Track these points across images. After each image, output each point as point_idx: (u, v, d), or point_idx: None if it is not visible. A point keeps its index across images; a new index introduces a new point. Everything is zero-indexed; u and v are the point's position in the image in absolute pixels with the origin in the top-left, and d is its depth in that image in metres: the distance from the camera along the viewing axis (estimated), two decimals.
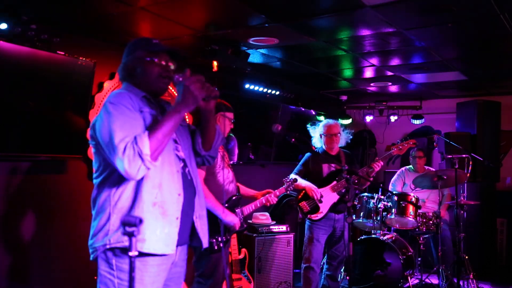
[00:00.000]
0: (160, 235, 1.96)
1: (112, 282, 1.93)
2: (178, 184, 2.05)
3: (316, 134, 4.41)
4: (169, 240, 1.99)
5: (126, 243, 1.85)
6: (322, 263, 4.55)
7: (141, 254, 1.90)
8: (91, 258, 2.02)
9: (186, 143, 2.21)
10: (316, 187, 4.15)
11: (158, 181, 1.97)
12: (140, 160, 1.82)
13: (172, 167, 2.04)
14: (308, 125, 4.40)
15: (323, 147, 4.37)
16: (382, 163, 4.17)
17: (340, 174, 4.17)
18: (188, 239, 2.17)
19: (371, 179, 4.08)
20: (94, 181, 2.06)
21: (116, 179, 1.93)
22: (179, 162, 2.10)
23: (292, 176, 4.19)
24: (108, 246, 1.92)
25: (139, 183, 1.94)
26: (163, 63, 2.09)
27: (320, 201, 4.13)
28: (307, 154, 4.41)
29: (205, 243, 2.21)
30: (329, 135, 4.29)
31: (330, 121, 4.43)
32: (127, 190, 1.93)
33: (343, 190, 4.14)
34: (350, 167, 4.12)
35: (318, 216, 4.17)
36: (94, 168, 2.07)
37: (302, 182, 4.17)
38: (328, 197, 4.17)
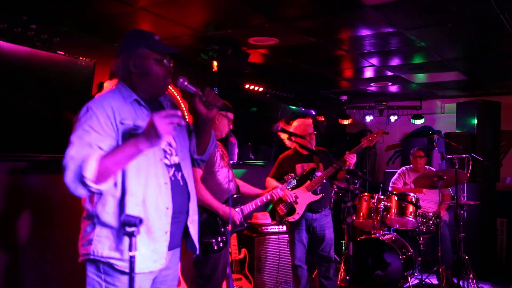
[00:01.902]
0: (145, 252, 1.90)
1: (100, 285, 1.91)
2: (166, 196, 1.96)
3: (286, 136, 4.04)
4: (156, 256, 1.94)
5: (110, 258, 1.86)
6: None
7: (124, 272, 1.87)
8: (79, 260, 1.98)
9: (183, 144, 2.14)
10: (288, 190, 3.99)
11: (141, 198, 1.89)
12: (79, 182, 1.76)
13: (158, 179, 1.94)
14: (279, 129, 3.59)
15: (296, 148, 4.26)
16: (354, 155, 3.97)
17: (313, 173, 4.14)
18: (181, 243, 2.14)
19: (348, 167, 3.89)
20: None
21: None
22: (167, 172, 1.99)
23: (269, 178, 4.24)
24: (91, 257, 1.89)
25: (121, 199, 1.87)
26: (168, 64, 2.00)
27: (296, 202, 4.08)
28: (280, 156, 4.36)
29: (198, 248, 2.18)
30: (308, 134, 4.11)
31: (303, 120, 4.28)
32: (109, 205, 1.87)
33: (318, 189, 4.11)
34: (326, 163, 4.08)
35: (295, 217, 4.12)
36: None
37: (272, 184, 4.10)
38: (303, 197, 4.11)
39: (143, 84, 1.99)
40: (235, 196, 3.35)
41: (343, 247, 5.72)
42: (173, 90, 4.68)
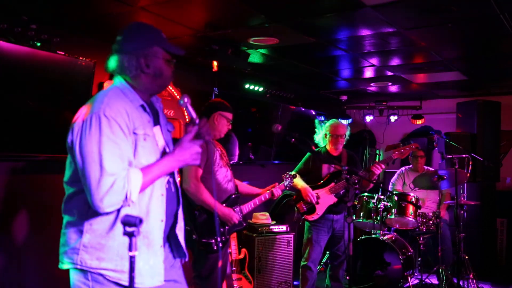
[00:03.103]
0: (143, 267, 1.82)
1: None
2: (161, 209, 1.91)
3: (321, 133, 4.36)
4: (154, 271, 1.87)
5: (96, 268, 1.76)
6: (323, 263, 4.55)
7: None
8: (60, 267, 1.87)
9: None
10: (311, 190, 4.11)
11: (145, 209, 1.83)
12: (122, 200, 1.69)
13: (157, 191, 1.88)
14: (316, 121, 4.31)
15: (326, 146, 4.33)
16: (383, 166, 4.00)
17: (339, 175, 4.15)
18: (180, 252, 2.09)
19: (374, 181, 3.98)
20: (65, 185, 1.90)
21: None
22: (165, 181, 1.94)
23: (292, 172, 4.19)
24: (78, 267, 1.78)
25: (121, 209, 1.76)
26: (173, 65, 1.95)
27: (317, 203, 4.12)
28: (309, 153, 4.39)
29: (187, 255, 2.12)
30: (336, 135, 4.23)
31: (338, 121, 4.38)
32: (106, 216, 1.77)
33: (341, 192, 4.13)
34: (351, 168, 4.11)
35: (314, 217, 4.16)
36: (67, 174, 1.90)
37: (299, 182, 4.14)
38: (325, 198, 4.15)
39: (151, 83, 1.89)
40: (234, 195, 3.35)
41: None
42: (172, 90, 4.68)
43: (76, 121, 1.78)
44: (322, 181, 4.22)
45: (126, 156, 1.74)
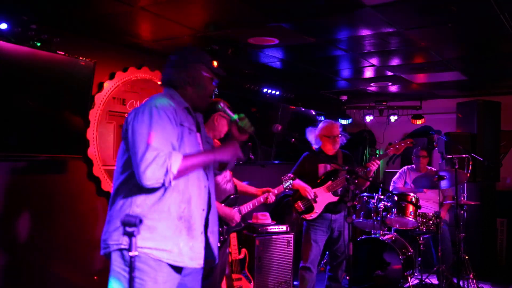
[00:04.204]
0: (183, 248, 2.01)
1: (125, 278, 1.97)
2: (204, 199, 2.13)
3: (313, 136, 4.33)
4: (194, 254, 2.06)
5: (141, 247, 1.91)
6: (323, 263, 4.54)
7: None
8: (101, 253, 2.05)
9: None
10: (309, 187, 4.12)
11: (187, 196, 2.04)
12: (163, 174, 1.88)
13: (200, 182, 2.12)
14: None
15: (322, 147, 4.31)
16: (378, 162, 4.05)
17: (336, 174, 4.15)
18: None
19: (370, 179, 4.04)
20: (115, 179, 2.09)
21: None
22: (206, 178, 2.18)
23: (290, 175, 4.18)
24: (123, 247, 1.95)
25: (165, 194, 1.98)
26: (215, 85, 2.25)
27: (315, 201, 4.12)
28: (304, 154, 4.39)
29: (217, 258, 2.29)
30: (333, 136, 4.22)
31: (332, 122, 4.37)
32: (152, 197, 1.97)
33: (339, 190, 4.12)
34: (352, 168, 4.11)
35: (312, 216, 4.15)
36: (118, 165, 2.10)
37: (298, 183, 4.13)
38: (322, 197, 4.15)
39: (194, 95, 2.19)
40: (233, 196, 3.36)
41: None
42: None
43: (129, 112, 2.07)
44: (319, 180, 4.22)
45: (170, 140, 1.97)
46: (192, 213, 2.04)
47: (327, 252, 4.56)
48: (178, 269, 2.04)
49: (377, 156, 4.21)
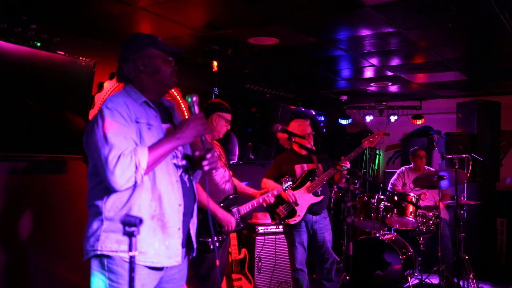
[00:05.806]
0: (159, 248, 1.96)
1: (103, 282, 1.94)
2: (178, 194, 2.05)
3: (284, 136, 3.98)
4: (171, 252, 2.00)
5: (116, 251, 1.90)
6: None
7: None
8: (84, 259, 2.02)
9: (188, 149, 2.23)
10: (291, 190, 3.94)
11: (157, 194, 1.96)
12: (133, 171, 1.82)
13: (170, 177, 2.03)
14: (279, 129, 3.58)
15: (294, 148, 4.17)
16: (351, 158, 3.92)
17: (313, 174, 4.04)
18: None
19: (345, 172, 3.65)
20: (88, 179, 2.06)
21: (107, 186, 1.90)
22: (176, 171, 2.08)
23: (265, 179, 4.10)
24: (98, 252, 1.92)
25: (133, 195, 1.91)
26: (173, 63, 2.11)
27: (296, 204, 3.97)
28: (278, 157, 4.28)
29: (196, 250, 2.23)
30: (307, 134, 4.03)
31: (302, 120, 4.21)
32: (121, 199, 1.91)
33: (319, 190, 4.02)
34: (326, 164, 4.03)
35: (296, 220, 3.98)
36: (89, 167, 2.06)
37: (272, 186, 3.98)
38: (304, 199, 4.00)
39: (152, 82, 2.07)
40: (232, 196, 3.35)
41: (343, 247, 5.72)
42: (172, 90, 4.68)
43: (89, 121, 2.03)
44: (297, 182, 4.05)
45: (130, 137, 1.90)
46: (165, 210, 1.97)
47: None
48: (158, 268, 2.00)
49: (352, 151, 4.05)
